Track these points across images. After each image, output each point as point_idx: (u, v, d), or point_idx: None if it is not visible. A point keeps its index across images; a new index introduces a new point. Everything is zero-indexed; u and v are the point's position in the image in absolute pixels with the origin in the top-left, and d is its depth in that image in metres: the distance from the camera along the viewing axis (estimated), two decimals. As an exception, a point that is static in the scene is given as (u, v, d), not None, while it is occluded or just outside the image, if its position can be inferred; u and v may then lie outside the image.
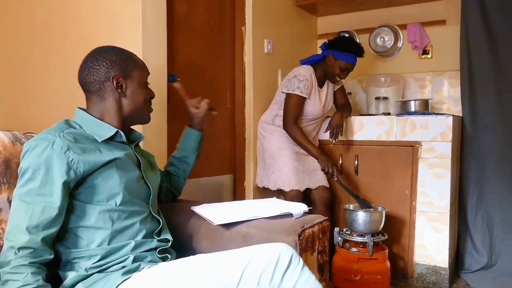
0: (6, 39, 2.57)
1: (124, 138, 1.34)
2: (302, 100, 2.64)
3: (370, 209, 2.49)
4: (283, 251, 1.14)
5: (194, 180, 2.55)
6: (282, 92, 2.69)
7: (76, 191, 1.21)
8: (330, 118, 2.76)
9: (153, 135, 2.09)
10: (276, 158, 2.69)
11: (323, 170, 2.58)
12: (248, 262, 1.11)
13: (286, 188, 2.64)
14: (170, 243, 1.37)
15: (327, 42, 2.74)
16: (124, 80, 1.32)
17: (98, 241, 1.22)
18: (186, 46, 2.48)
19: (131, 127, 1.44)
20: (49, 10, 2.37)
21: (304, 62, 2.77)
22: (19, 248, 1.08)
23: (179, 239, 1.51)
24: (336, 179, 2.59)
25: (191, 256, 1.24)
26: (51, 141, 1.17)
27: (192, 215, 1.57)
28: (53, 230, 1.15)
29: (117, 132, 1.31)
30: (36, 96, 2.44)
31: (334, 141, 2.69)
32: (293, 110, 2.63)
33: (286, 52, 3.20)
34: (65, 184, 1.16)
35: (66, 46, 2.31)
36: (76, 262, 1.21)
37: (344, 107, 2.89)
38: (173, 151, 1.79)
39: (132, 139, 1.44)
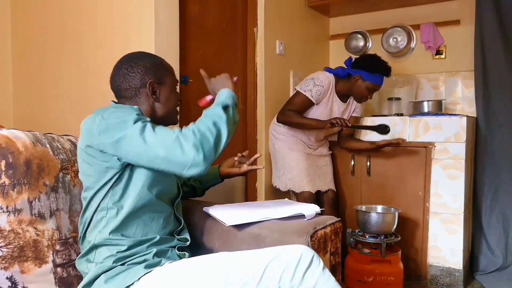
0: (23, 42, 2.61)
1: None
2: (308, 102, 2.59)
3: (388, 129, 2.49)
4: (304, 252, 1.15)
5: (207, 181, 2.56)
6: (295, 89, 2.67)
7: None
8: None
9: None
10: (287, 159, 2.69)
11: (334, 126, 2.41)
12: (270, 260, 1.12)
13: (297, 190, 2.64)
14: (188, 243, 1.41)
15: (352, 59, 2.67)
16: (158, 86, 1.36)
17: (133, 229, 1.27)
18: (198, 47, 2.50)
19: None
20: (64, 14, 2.40)
21: (328, 70, 2.69)
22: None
23: (192, 239, 1.52)
24: (350, 125, 2.47)
25: (213, 253, 1.26)
26: (133, 115, 1.22)
27: (204, 216, 1.58)
28: None
29: None
30: (51, 98, 2.47)
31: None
32: (296, 107, 2.59)
33: (298, 53, 3.19)
34: None
35: (81, 49, 2.34)
36: (101, 248, 1.25)
37: (350, 137, 2.85)
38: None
39: None
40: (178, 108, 1.47)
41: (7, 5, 2.64)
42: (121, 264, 1.22)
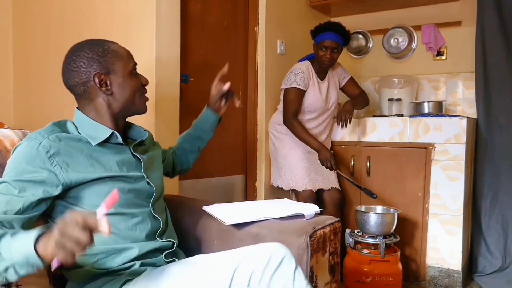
0: (23, 40, 2.61)
1: (120, 139, 1.26)
2: (300, 93, 2.63)
3: (374, 197, 2.50)
4: (274, 251, 1.11)
5: (206, 180, 2.57)
6: (281, 89, 2.71)
7: (62, 195, 1.16)
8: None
9: (165, 134, 2.11)
10: (288, 158, 2.69)
11: (322, 163, 2.58)
12: (239, 263, 1.08)
13: (299, 188, 2.64)
14: (175, 246, 1.33)
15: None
16: (107, 76, 1.22)
17: (97, 243, 1.12)
18: (200, 46, 2.50)
19: (133, 123, 1.39)
20: (65, 12, 2.41)
21: (301, 60, 2.79)
22: None
23: (190, 239, 1.52)
24: (335, 171, 2.59)
25: (187, 258, 1.23)
26: (37, 143, 1.13)
27: (203, 215, 1.58)
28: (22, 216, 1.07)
29: (112, 133, 1.24)
30: (52, 96, 2.47)
31: (342, 128, 2.66)
32: (292, 104, 2.62)
33: (299, 53, 3.18)
34: (43, 192, 1.11)
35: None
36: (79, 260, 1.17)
37: (357, 97, 2.85)
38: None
39: (131, 137, 1.37)
40: (143, 93, 1.31)
41: (9, 3, 2.64)
42: (106, 274, 1.18)
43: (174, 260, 1.29)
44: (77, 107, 1.29)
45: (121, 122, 1.31)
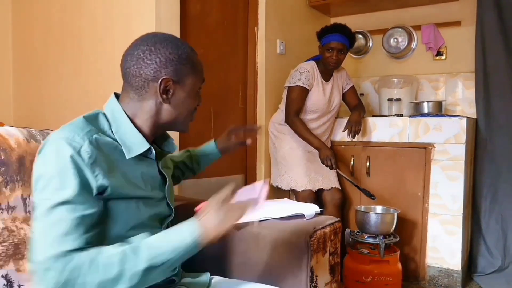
0: (23, 38, 2.61)
1: (153, 155, 1.12)
2: (304, 91, 2.64)
3: (373, 198, 2.51)
4: None
5: (205, 180, 2.57)
6: (285, 87, 2.72)
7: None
8: (348, 118, 2.76)
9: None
10: (288, 158, 2.69)
11: (322, 162, 2.58)
12: None
13: (299, 188, 2.64)
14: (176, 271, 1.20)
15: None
16: (174, 85, 1.08)
17: None
18: (199, 46, 2.49)
19: (168, 134, 1.25)
20: (65, 11, 2.40)
21: (307, 60, 2.80)
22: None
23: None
24: (335, 170, 2.60)
25: None
26: (77, 146, 0.95)
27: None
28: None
29: (149, 148, 1.09)
30: (51, 95, 2.47)
31: (352, 139, 2.70)
32: (295, 102, 2.63)
33: (299, 53, 3.19)
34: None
35: (82, 46, 2.34)
36: None
37: (357, 107, 2.87)
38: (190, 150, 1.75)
39: (162, 147, 1.22)
40: (194, 115, 1.18)
41: (8, 2, 2.64)
42: None
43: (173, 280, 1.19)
44: (115, 93, 1.13)
45: (158, 133, 1.16)
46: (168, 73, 1.06)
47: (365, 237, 2.45)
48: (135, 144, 1.07)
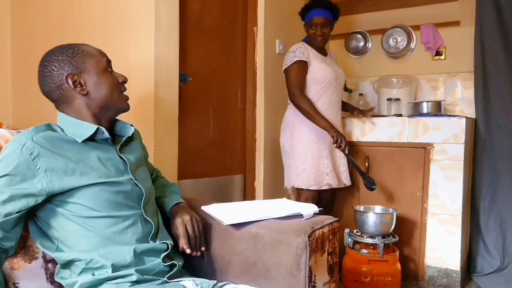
0: (21, 39, 2.60)
1: (106, 134, 1.24)
2: (303, 65, 2.52)
3: (375, 187, 2.44)
4: None
5: (204, 180, 2.57)
6: (283, 71, 2.59)
7: (48, 199, 1.15)
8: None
9: (164, 134, 2.11)
10: (309, 153, 2.54)
11: (335, 142, 2.43)
12: None
13: (318, 186, 2.53)
14: (169, 248, 1.28)
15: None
16: (79, 76, 1.21)
17: (88, 246, 1.16)
18: (198, 46, 2.50)
19: (118, 119, 1.35)
20: (64, 11, 2.40)
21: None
22: None
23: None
24: (346, 152, 2.48)
25: None
26: (21, 143, 1.12)
27: (202, 215, 1.58)
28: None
29: (98, 129, 1.22)
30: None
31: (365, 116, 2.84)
32: (298, 78, 2.51)
33: (298, 53, 3.19)
34: (26, 204, 1.12)
35: (80, 46, 2.33)
36: (73, 265, 1.18)
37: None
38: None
39: (117, 132, 1.34)
40: (121, 91, 1.29)
41: (7, 2, 2.64)
42: (107, 280, 1.15)
43: (173, 264, 1.25)
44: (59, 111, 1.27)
45: (105, 123, 1.28)
46: (68, 71, 1.20)
47: (364, 237, 2.45)
48: (83, 129, 1.21)
